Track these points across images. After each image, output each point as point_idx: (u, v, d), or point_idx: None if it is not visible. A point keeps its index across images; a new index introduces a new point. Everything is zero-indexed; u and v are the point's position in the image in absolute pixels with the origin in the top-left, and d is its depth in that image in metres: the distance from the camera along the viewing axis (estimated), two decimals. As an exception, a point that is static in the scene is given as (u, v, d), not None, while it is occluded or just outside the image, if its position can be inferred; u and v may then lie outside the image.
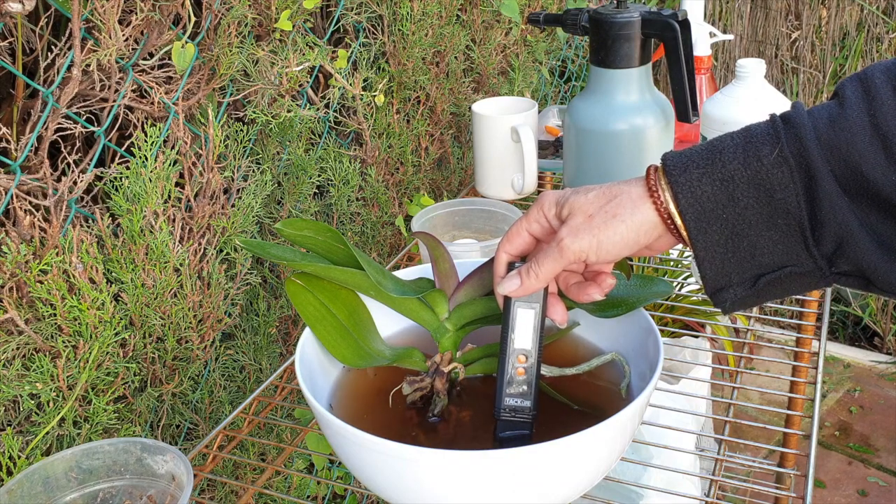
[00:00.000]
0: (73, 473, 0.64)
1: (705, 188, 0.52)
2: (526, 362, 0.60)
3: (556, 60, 1.78)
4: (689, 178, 0.53)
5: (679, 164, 0.53)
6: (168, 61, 0.87)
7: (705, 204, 0.52)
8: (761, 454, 1.75)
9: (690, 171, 0.53)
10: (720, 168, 0.52)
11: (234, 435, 0.78)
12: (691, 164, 0.53)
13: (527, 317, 0.60)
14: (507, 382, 0.60)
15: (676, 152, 0.55)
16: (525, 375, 0.60)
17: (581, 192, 0.57)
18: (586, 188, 0.58)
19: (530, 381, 0.60)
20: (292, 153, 1.06)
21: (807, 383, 0.86)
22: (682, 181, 0.53)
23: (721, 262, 0.53)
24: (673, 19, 0.94)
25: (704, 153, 0.53)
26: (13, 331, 0.73)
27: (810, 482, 0.67)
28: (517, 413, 0.60)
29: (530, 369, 0.60)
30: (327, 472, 1.23)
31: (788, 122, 0.52)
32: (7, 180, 0.72)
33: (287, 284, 0.65)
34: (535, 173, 1.09)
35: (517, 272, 0.59)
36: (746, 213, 0.52)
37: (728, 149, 0.52)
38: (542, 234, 0.60)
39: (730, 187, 0.52)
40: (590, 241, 0.55)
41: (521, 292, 0.59)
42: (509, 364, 0.60)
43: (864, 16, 2.04)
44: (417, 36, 1.18)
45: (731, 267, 0.53)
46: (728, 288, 0.54)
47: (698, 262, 0.54)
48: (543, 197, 0.60)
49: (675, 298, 1.23)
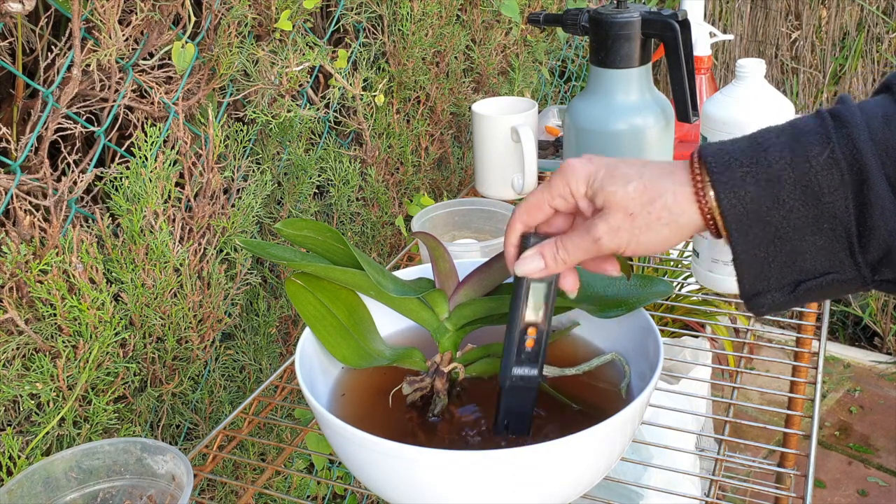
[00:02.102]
0: (73, 473, 0.64)
1: (749, 188, 0.49)
2: (536, 333, 0.59)
3: (556, 60, 1.78)
4: (731, 177, 0.50)
5: (721, 161, 0.50)
6: (168, 61, 0.87)
7: (748, 205, 0.49)
8: (761, 454, 1.75)
9: (733, 169, 0.50)
10: (765, 168, 0.49)
11: (234, 435, 0.78)
12: (734, 162, 0.50)
13: (539, 289, 0.58)
14: (517, 353, 0.59)
15: (715, 146, 0.51)
16: (534, 346, 0.59)
17: (618, 181, 0.53)
18: (623, 174, 0.53)
19: (539, 350, 0.59)
20: (292, 153, 1.06)
21: (807, 383, 0.86)
22: (724, 180, 0.50)
23: (760, 266, 0.51)
24: (673, 19, 0.94)
25: (748, 150, 0.50)
26: (13, 331, 0.73)
27: (810, 482, 0.67)
28: (523, 382, 0.59)
29: (540, 339, 0.59)
30: (327, 472, 1.23)
31: (839, 119, 0.48)
32: (7, 180, 0.72)
33: (287, 284, 0.65)
34: (535, 173, 1.08)
35: (538, 253, 0.56)
36: (791, 216, 0.49)
37: (774, 147, 0.49)
38: (566, 209, 0.57)
39: (775, 188, 0.49)
40: (629, 241, 0.53)
41: (542, 275, 0.57)
42: (518, 335, 0.58)
43: (864, 16, 2.04)
44: (417, 36, 1.18)
45: (771, 272, 0.51)
46: (766, 293, 0.51)
47: (737, 264, 0.51)
48: (570, 171, 0.55)
49: (675, 298, 1.23)
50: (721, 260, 0.86)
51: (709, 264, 0.88)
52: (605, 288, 0.67)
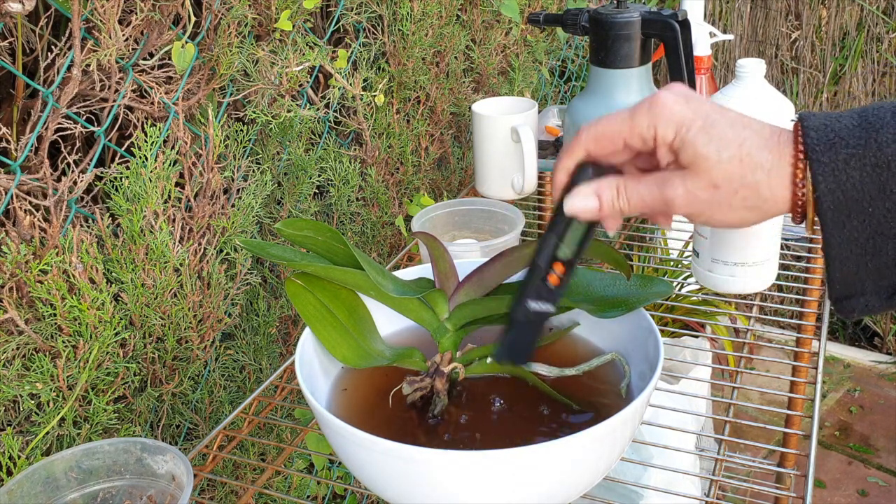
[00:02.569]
0: (73, 473, 0.64)
1: (852, 174, 0.43)
2: (563, 272, 0.54)
3: (556, 60, 1.78)
4: (833, 159, 0.43)
5: (824, 138, 0.44)
6: (168, 61, 0.87)
7: (849, 193, 0.43)
8: (761, 454, 1.75)
9: (837, 149, 0.43)
10: (874, 150, 0.42)
11: (234, 435, 0.78)
12: (839, 142, 0.44)
13: (580, 228, 0.53)
14: (538, 286, 0.55)
15: (820, 119, 0.45)
16: (558, 285, 0.55)
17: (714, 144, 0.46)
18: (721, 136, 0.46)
19: (561, 289, 0.55)
20: (292, 153, 1.06)
21: (807, 383, 0.86)
22: (825, 161, 0.43)
23: (856, 264, 0.45)
24: (673, 19, 0.94)
25: (856, 129, 0.44)
26: (13, 331, 0.73)
27: (810, 482, 0.67)
28: (536, 316, 0.56)
29: (565, 278, 0.55)
30: (327, 472, 1.23)
31: None
32: (7, 180, 0.72)
33: (287, 284, 0.65)
34: (535, 173, 1.09)
35: (594, 193, 0.50)
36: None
37: (888, 128, 0.43)
38: (640, 147, 0.49)
39: (883, 175, 0.42)
40: (702, 212, 0.47)
41: (591, 218, 0.51)
42: (544, 267, 0.54)
43: (864, 16, 2.04)
44: (417, 36, 1.18)
45: (868, 272, 0.45)
46: (859, 296, 0.46)
47: (828, 260, 0.46)
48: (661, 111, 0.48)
49: (675, 298, 1.23)
50: (721, 260, 0.86)
51: (709, 264, 0.88)
52: (605, 288, 0.67)
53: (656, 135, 0.48)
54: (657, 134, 0.48)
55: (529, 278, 0.56)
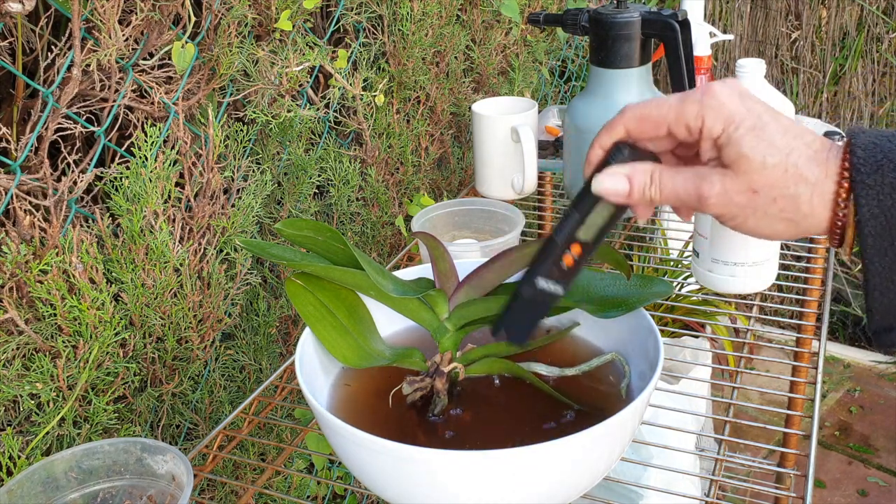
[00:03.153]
0: (73, 473, 0.64)
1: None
2: (579, 253, 0.52)
3: (556, 60, 1.78)
4: (879, 182, 0.41)
5: (872, 159, 0.42)
6: (168, 61, 0.87)
7: (894, 219, 0.41)
8: (761, 454, 1.75)
9: (885, 172, 0.41)
10: None
11: (234, 435, 0.78)
12: (887, 164, 0.41)
13: (605, 210, 0.51)
14: (551, 264, 0.53)
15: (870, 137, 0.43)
16: (572, 266, 0.52)
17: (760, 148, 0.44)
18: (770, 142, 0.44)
19: (574, 271, 0.53)
20: (292, 153, 1.06)
21: (807, 383, 0.86)
22: (869, 183, 0.41)
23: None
24: (673, 19, 0.94)
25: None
26: (13, 331, 0.73)
27: (810, 482, 0.67)
28: (544, 297, 0.54)
29: (580, 260, 0.52)
30: (327, 472, 1.23)
31: None
32: (7, 180, 0.72)
33: (287, 284, 0.65)
34: (535, 173, 1.09)
35: (626, 176, 0.48)
36: None
37: None
38: (684, 137, 0.47)
39: None
40: (736, 216, 0.45)
41: (618, 201, 0.48)
42: (560, 246, 0.52)
43: (864, 16, 2.04)
44: (417, 36, 1.18)
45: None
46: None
47: (867, 289, 0.43)
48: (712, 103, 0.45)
49: (675, 298, 1.23)
50: (721, 260, 0.86)
51: (709, 264, 0.88)
52: (605, 288, 0.67)
53: (703, 126, 0.46)
54: (704, 126, 0.46)
55: (543, 254, 0.53)
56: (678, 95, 0.47)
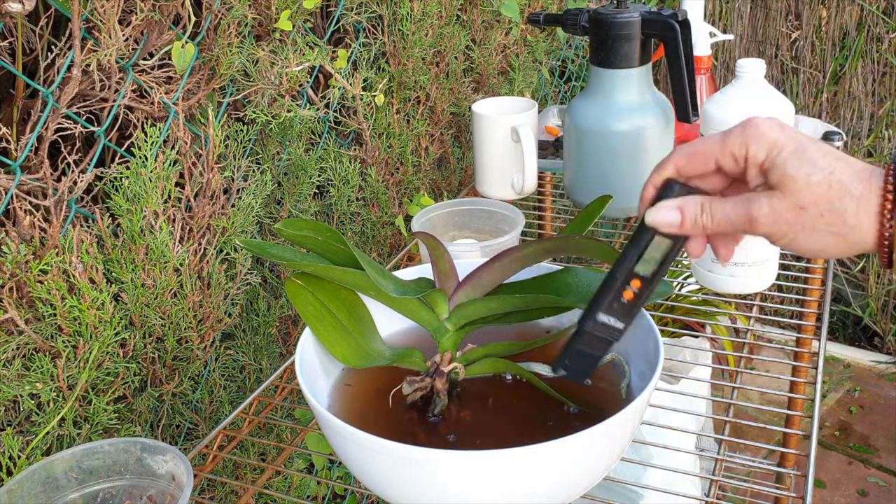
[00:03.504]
0: (73, 473, 0.64)
1: None
2: (639, 287, 0.53)
3: (556, 60, 1.78)
4: None
5: None
6: (168, 61, 0.87)
7: None
8: (761, 454, 1.75)
9: None
10: None
11: (234, 435, 0.78)
12: None
13: (662, 245, 0.52)
14: (611, 299, 0.54)
15: None
16: (633, 300, 0.54)
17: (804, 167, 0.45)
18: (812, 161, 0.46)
19: (635, 306, 0.54)
20: (292, 153, 1.06)
21: (807, 383, 0.86)
22: None
23: None
24: (673, 19, 0.94)
25: None
26: (13, 331, 0.73)
27: (810, 482, 0.67)
28: (605, 331, 0.55)
29: (640, 295, 0.54)
30: (327, 472, 1.23)
31: None
32: (7, 180, 0.72)
33: (287, 284, 0.65)
34: (535, 173, 1.09)
35: (678, 207, 0.50)
36: None
37: None
38: (731, 172, 0.50)
39: None
40: (786, 234, 0.47)
41: (672, 232, 0.50)
42: (620, 282, 0.53)
43: (864, 16, 2.04)
44: (417, 36, 1.18)
45: None
46: None
47: None
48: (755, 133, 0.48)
49: (675, 298, 1.23)
50: (721, 260, 0.86)
51: (709, 264, 0.88)
52: (605, 288, 0.67)
53: (748, 154, 0.48)
54: (749, 153, 0.48)
55: (604, 290, 0.54)
56: (721, 132, 0.50)
